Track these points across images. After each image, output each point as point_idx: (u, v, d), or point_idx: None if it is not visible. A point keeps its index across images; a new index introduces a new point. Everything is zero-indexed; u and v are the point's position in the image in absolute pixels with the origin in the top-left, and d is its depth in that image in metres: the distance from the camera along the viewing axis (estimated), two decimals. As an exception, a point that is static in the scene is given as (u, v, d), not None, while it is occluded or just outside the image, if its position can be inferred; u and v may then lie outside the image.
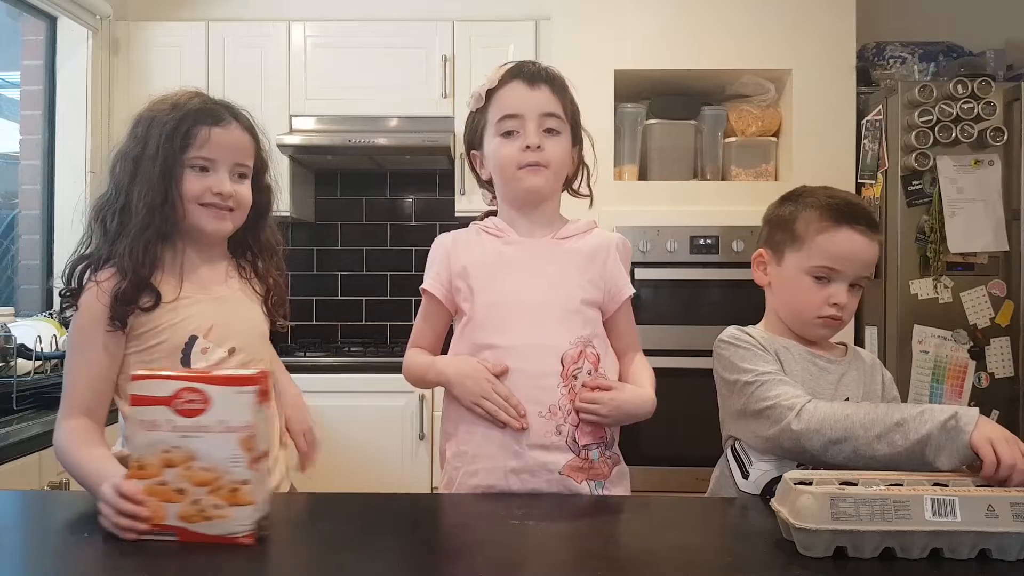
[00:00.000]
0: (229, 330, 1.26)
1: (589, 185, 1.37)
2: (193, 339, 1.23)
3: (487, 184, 1.35)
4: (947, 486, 0.93)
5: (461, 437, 1.27)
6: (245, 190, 1.28)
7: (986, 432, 1.00)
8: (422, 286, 1.32)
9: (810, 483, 0.92)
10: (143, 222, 1.20)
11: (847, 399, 1.22)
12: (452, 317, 1.33)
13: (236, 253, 1.35)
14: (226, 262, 1.33)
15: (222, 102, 1.29)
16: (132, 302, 1.19)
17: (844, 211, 1.23)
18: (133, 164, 1.22)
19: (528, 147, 1.24)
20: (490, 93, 1.28)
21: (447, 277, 1.30)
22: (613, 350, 1.32)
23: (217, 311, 1.26)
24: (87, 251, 1.24)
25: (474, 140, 1.33)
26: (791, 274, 1.26)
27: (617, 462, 1.29)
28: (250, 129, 1.29)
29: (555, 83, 1.28)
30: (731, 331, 1.28)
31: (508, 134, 1.26)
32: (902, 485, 0.93)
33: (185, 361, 1.22)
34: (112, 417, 1.22)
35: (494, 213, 1.36)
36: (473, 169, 1.36)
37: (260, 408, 0.94)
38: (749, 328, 1.30)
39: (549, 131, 1.26)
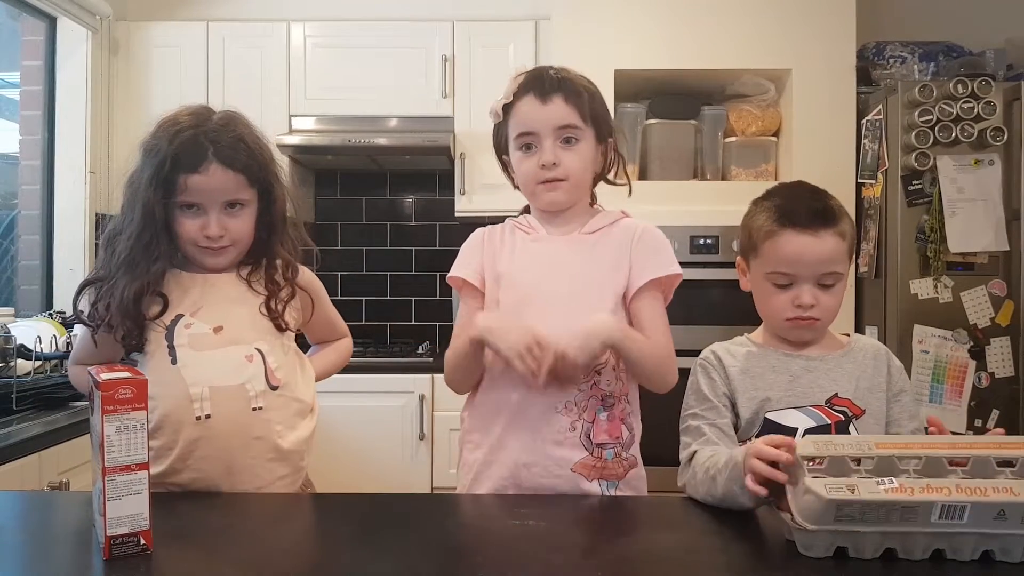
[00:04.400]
0: (216, 310, 1.27)
1: (627, 173, 1.35)
2: (179, 317, 1.26)
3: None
4: (966, 467, 0.88)
5: (479, 434, 1.27)
6: (239, 223, 1.27)
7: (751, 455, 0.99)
8: (455, 275, 1.32)
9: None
10: (132, 258, 1.22)
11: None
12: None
13: (250, 261, 1.33)
14: (236, 267, 1.32)
15: (208, 132, 1.23)
16: (139, 323, 1.23)
17: (784, 213, 1.20)
18: (131, 196, 1.25)
19: (544, 165, 1.24)
20: (507, 107, 1.28)
21: (479, 265, 1.31)
22: None
23: (208, 295, 1.28)
24: (95, 275, 1.27)
25: (501, 148, 1.34)
26: (757, 281, 1.25)
27: (634, 465, 1.28)
28: (234, 164, 1.24)
29: (568, 90, 1.26)
30: (706, 351, 1.29)
31: (527, 148, 1.27)
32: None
33: (169, 336, 1.24)
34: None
35: (528, 210, 1.36)
36: (507, 172, 1.36)
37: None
38: (732, 342, 1.30)
39: (567, 140, 1.25)
